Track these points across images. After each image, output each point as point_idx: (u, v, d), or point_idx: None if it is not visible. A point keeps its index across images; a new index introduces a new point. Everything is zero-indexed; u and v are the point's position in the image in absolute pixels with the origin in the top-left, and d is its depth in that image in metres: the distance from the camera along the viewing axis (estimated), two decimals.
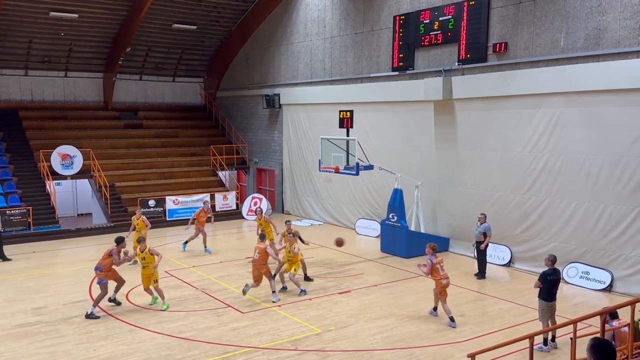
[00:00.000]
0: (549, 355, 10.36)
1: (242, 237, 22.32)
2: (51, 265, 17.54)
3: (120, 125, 28.04)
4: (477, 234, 15.44)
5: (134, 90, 29.38)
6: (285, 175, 26.06)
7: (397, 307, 13.09)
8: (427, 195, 18.82)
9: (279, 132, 26.30)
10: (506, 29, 16.42)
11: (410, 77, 19.33)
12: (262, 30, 26.60)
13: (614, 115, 13.99)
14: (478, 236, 15.41)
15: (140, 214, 17.58)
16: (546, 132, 15.56)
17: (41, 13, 23.15)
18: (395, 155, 19.92)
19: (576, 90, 14.72)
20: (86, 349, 10.74)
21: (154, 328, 11.78)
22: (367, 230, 21.28)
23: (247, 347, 10.79)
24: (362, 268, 16.61)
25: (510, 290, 14.41)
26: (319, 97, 23.32)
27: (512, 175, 16.50)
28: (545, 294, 10.59)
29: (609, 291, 14.09)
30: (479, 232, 15.40)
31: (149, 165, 26.21)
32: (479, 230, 15.40)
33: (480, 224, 15.44)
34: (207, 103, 31.08)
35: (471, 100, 17.47)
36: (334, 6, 22.38)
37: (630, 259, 13.88)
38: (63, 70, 27.21)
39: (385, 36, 20.23)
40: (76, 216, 26.44)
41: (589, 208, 14.66)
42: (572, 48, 14.86)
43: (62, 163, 23.41)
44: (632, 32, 13.60)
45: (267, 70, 26.54)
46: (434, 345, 10.86)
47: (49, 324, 12.11)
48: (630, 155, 13.72)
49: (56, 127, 26.02)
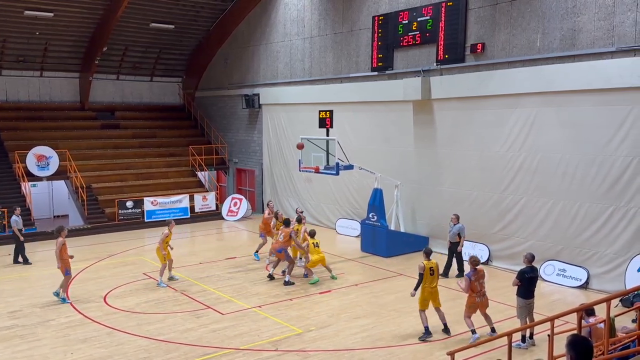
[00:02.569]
0: (527, 352, 10.48)
1: (222, 238, 22.20)
2: (27, 267, 17.26)
3: (97, 125, 27.70)
4: (452, 235, 15.45)
5: (111, 90, 29.05)
6: (265, 176, 25.98)
7: (377, 306, 13.15)
8: (407, 195, 18.92)
9: (258, 132, 26.21)
10: (483, 29, 16.58)
11: (390, 77, 19.42)
12: (241, 29, 26.50)
13: (589, 115, 14.22)
14: (452, 237, 15.43)
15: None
16: (523, 132, 15.76)
17: (15, 12, 22.75)
18: (375, 155, 19.99)
19: (552, 91, 14.93)
20: (63, 353, 10.59)
21: (132, 330, 11.66)
22: (347, 230, 21.33)
23: (228, 348, 10.74)
24: (343, 268, 16.64)
25: (488, 288, 14.40)
26: (299, 97, 23.30)
27: (490, 175, 16.68)
28: (523, 292, 10.72)
29: (585, 288, 14.31)
30: (453, 232, 15.43)
31: (127, 166, 25.93)
32: (452, 232, 15.43)
33: (454, 224, 15.45)
34: (185, 103, 30.86)
35: (449, 100, 17.61)
36: (313, 6, 22.38)
37: (606, 256, 14.12)
38: (38, 70, 26.80)
39: (365, 36, 20.30)
40: (52, 218, 26.04)
41: (565, 207, 14.88)
42: (548, 48, 15.06)
43: (38, 164, 23.04)
44: (606, 33, 13.84)
45: (247, 70, 26.44)
46: (413, 344, 10.93)
47: (26, 328, 11.92)
48: (604, 155, 13.96)
49: (31, 128, 25.63)
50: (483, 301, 11.18)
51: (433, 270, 11.32)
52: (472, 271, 11.04)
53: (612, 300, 7.95)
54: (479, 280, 11.10)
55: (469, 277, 10.99)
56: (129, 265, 17.08)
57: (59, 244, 13.50)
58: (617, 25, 13.61)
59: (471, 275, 11.00)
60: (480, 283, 11.12)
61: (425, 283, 11.25)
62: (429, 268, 11.27)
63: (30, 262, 17.49)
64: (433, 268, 11.33)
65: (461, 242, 15.36)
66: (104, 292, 14.36)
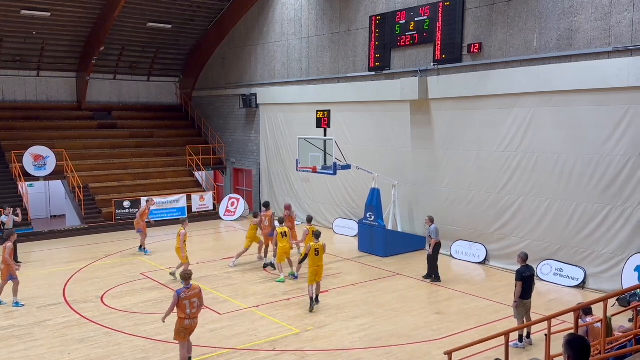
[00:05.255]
0: (525, 351, 10.49)
1: (219, 238, 22.18)
2: (24, 268, 17.18)
3: (94, 125, 27.64)
4: (427, 237, 15.37)
5: (108, 89, 28.99)
6: (263, 176, 25.97)
7: (374, 305, 13.15)
8: (404, 195, 18.94)
9: (256, 132, 26.20)
10: (480, 29, 16.60)
11: (387, 77, 19.43)
12: (239, 29, 26.48)
13: (586, 115, 14.25)
14: (428, 239, 15.29)
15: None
16: (520, 132, 15.78)
17: (12, 11, 22.68)
18: (372, 155, 20.01)
19: (549, 90, 14.96)
20: (60, 353, 10.57)
21: (130, 331, 11.64)
22: (344, 230, 21.33)
23: (225, 348, 10.73)
24: (340, 267, 16.65)
25: (485, 288, 14.58)
26: (296, 97, 23.30)
27: (487, 174, 16.70)
28: (520, 292, 10.72)
29: (582, 288, 14.33)
30: (427, 235, 15.32)
31: (124, 166, 25.88)
32: (427, 234, 15.31)
33: (428, 226, 15.15)
34: (183, 103, 30.83)
35: (447, 100, 17.63)
36: (311, 6, 22.38)
37: (603, 255, 14.15)
38: (35, 70, 26.72)
39: (362, 36, 20.30)
40: (49, 218, 25.98)
41: (562, 206, 14.91)
42: (545, 48, 15.09)
43: (35, 164, 22.98)
44: (602, 33, 13.87)
45: (244, 70, 26.43)
46: (411, 343, 10.93)
47: (22, 328, 11.89)
48: (601, 154, 13.99)
49: (28, 128, 25.55)
50: (192, 325, 9.59)
51: (318, 251, 12.80)
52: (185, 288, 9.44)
53: (609, 300, 7.98)
54: (191, 299, 9.42)
55: (178, 294, 9.39)
56: (126, 266, 17.05)
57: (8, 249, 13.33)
58: (614, 25, 13.64)
59: (181, 292, 9.39)
60: (192, 302, 9.44)
61: (311, 262, 12.73)
62: (314, 249, 12.78)
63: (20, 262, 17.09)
64: (318, 249, 12.81)
65: (432, 243, 14.93)
66: (101, 292, 14.33)
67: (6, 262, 13.31)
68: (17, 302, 13.37)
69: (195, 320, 9.57)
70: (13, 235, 13.84)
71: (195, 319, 9.57)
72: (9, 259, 13.33)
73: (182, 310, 9.35)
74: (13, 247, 13.68)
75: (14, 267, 13.51)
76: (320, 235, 13.31)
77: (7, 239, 13.71)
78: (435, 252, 15.00)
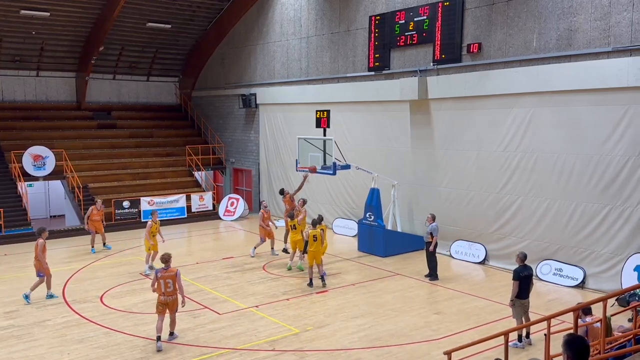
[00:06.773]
0: (524, 351, 10.50)
1: (219, 238, 22.18)
2: (23, 268, 17.19)
3: (93, 125, 27.63)
4: (426, 235, 15.32)
5: (107, 89, 28.98)
6: (262, 176, 25.97)
7: (374, 305, 13.15)
8: (404, 195, 18.94)
9: (255, 132, 26.20)
10: (480, 29, 16.61)
11: (386, 77, 19.43)
12: (238, 29, 26.48)
13: (586, 115, 14.25)
14: (427, 236, 15.24)
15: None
16: (519, 132, 15.79)
17: (12, 11, 22.68)
18: (372, 155, 20.01)
19: (549, 90, 14.96)
20: (60, 353, 10.57)
21: (129, 331, 11.64)
22: (344, 230, 21.33)
23: (225, 348, 10.73)
24: (340, 267, 16.65)
25: (485, 288, 14.58)
26: (296, 96, 23.30)
27: (487, 175, 16.70)
28: (518, 292, 10.71)
29: (582, 287, 14.34)
30: (426, 232, 15.31)
31: (123, 166, 25.87)
32: (427, 231, 15.35)
33: (429, 224, 15.21)
34: (182, 103, 30.82)
35: (446, 100, 17.64)
36: (310, 6, 22.38)
37: (602, 255, 14.15)
38: (34, 70, 26.72)
39: (361, 36, 20.31)
40: (49, 218, 25.99)
41: (562, 206, 14.91)
42: (544, 48, 15.09)
43: (34, 164, 22.97)
44: (602, 33, 13.87)
45: (243, 70, 26.43)
46: (410, 343, 10.94)
47: (22, 328, 11.88)
48: (601, 154, 14.00)
49: (28, 128, 25.55)
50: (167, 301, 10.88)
51: (316, 237, 14.29)
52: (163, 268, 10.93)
53: (608, 300, 7.98)
54: (165, 280, 10.82)
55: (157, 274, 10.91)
56: (126, 265, 17.05)
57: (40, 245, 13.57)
58: (613, 25, 13.65)
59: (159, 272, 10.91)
60: (166, 282, 10.82)
61: (311, 247, 14.34)
62: (313, 235, 14.33)
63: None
64: (316, 235, 14.28)
65: (433, 241, 14.98)
66: (100, 292, 14.33)
67: (38, 257, 13.49)
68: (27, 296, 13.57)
69: (170, 297, 10.85)
70: (44, 232, 13.92)
71: (170, 297, 10.85)
72: (40, 254, 13.49)
73: (159, 288, 10.83)
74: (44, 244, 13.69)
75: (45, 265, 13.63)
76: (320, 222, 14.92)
77: (39, 235, 13.81)
78: (433, 251, 15.06)
